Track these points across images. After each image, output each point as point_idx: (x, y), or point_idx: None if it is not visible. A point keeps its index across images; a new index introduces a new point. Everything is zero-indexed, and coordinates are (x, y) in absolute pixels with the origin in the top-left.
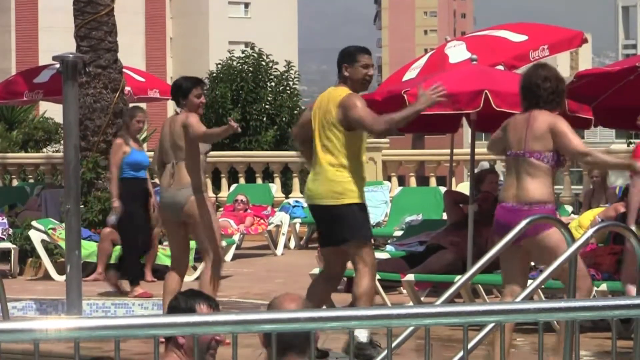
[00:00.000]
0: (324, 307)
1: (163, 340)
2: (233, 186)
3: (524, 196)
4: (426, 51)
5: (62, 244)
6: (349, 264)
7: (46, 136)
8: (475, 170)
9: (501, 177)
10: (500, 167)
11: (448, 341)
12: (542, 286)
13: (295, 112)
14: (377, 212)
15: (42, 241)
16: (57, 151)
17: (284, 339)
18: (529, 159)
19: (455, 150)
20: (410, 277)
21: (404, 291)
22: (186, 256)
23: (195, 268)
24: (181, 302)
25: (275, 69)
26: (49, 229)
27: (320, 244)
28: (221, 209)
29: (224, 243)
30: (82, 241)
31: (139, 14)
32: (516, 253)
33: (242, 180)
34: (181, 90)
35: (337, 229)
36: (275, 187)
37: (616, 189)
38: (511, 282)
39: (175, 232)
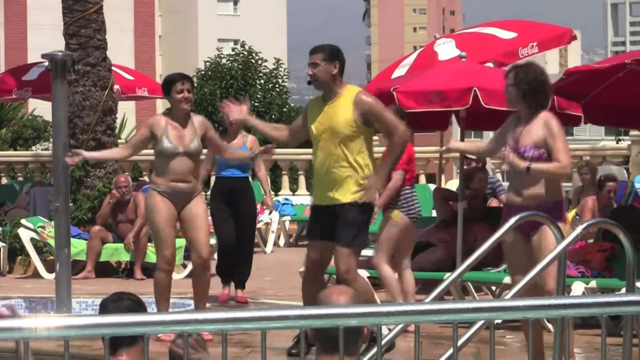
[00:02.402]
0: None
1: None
2: None
3: None
4: (415, 48)
5: (52, 242)
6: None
7: (35, 134)
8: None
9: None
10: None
11: (438, 338)
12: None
13: (285, 109)
14: None
15: (32, 239)
16: (46, 149)
17: (333, 336)
18: None
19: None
20: None
21: None
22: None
23: (184, 266)
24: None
25: (265, 66)
26: (38, 227)
27: None
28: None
29: (213, 241)
30: (72, 239)
31: (128, 12)
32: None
33: None
34: (165, 87)
35: None
36: None
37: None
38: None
39: None
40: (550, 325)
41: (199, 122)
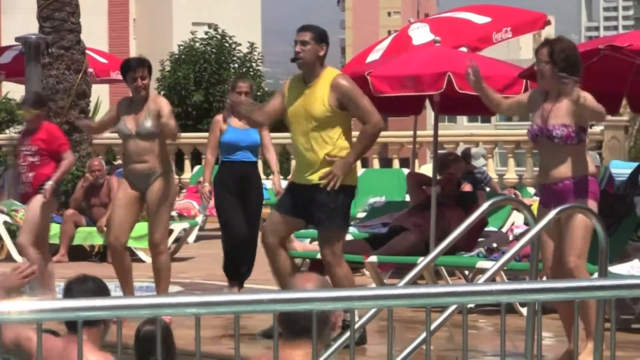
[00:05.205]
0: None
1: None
2: (196, 167)
3: None
4: (390, 33)
5: None
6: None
7: (9, 117)
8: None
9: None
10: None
11: (411, 322)
12: (505, 268)
13: (259, 93)
14: None
15: (5, 223)
16: (20, 132)
17: (296, 325)
18: None
19: (418, 132)
20: (373, 258)
21: (367, 273)
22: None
23: None
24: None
25: (239, 50)
26: (11, 210)
27: None
28: (184, 190)
29: (187, 224)
30: None
31: None
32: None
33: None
34: (121, 72)
35: None
36: None
37: None
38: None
39: None
40: (523, 310)
41: (153, 101)
